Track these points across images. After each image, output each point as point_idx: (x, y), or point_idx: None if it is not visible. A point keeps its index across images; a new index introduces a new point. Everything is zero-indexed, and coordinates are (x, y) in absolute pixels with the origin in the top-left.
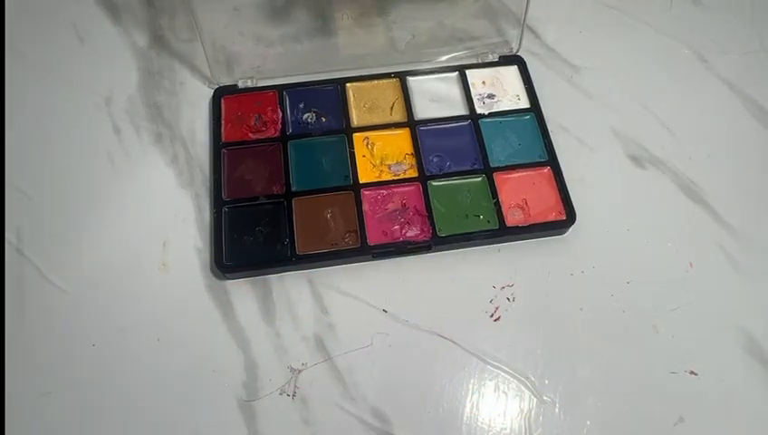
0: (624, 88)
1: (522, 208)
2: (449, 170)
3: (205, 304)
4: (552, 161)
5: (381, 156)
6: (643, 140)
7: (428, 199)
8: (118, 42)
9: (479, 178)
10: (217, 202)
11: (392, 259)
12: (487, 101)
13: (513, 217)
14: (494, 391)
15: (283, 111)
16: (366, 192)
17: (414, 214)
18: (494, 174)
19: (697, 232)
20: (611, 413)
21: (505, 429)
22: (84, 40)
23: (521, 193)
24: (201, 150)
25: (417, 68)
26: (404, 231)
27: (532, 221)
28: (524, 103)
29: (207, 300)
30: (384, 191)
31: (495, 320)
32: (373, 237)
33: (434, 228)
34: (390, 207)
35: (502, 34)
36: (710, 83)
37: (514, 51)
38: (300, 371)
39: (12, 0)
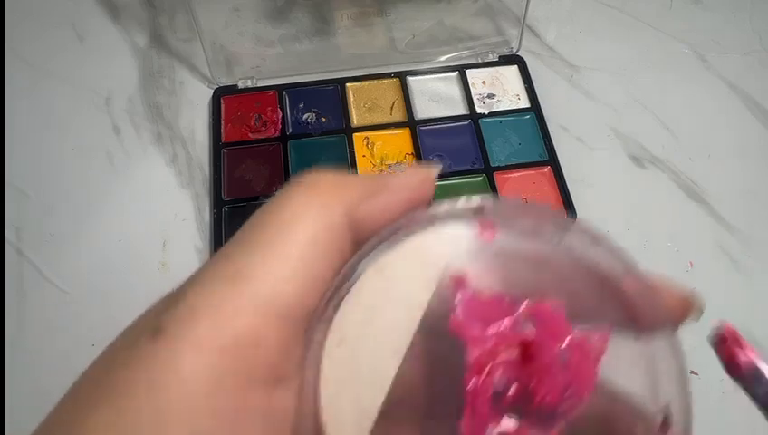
0: (624, 88)
1: None
2: (450, 170)
3: None
4: (552, 161)
5: (381, 156)
6: (643, 139)
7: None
8: (118, 41)
9: (479, 178)
10: (217, 202)
11: None
12: (487, 100)
13: None
14: None
15: (283, 111)
16: None
17: None
18: (495, 173)
19: (698, 231)
20: None
21: None
22: (84, 40)
23: (521, 192)
24: (201, 150)
25: (417, 68)
26: None
27: None
28: (524, 103)
29: None
30: None
31: None
32: None
33: None
34: None
35: (502, 34)
36: (710, 83)
37: (514, 50)
38: None
39: (12, 0)
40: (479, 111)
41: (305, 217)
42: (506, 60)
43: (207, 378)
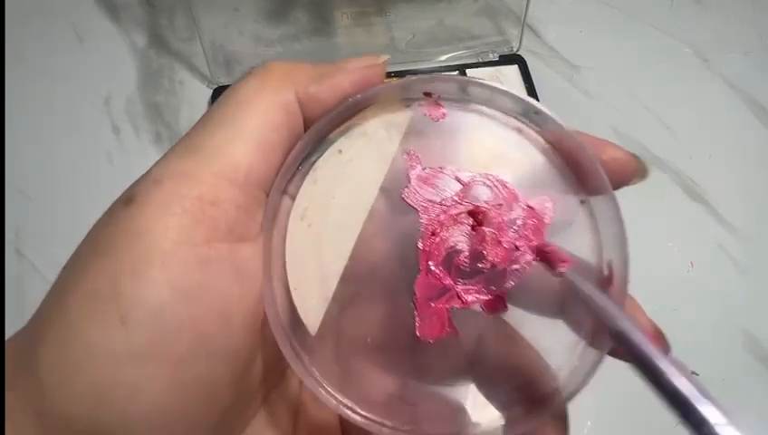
0: (625, 87)
1: None
2: None
3: None
4: None
5: None
6: (644, 139)
7: None
8: (117, 41)
9: None
10: None
11: None
12: None
13: None
14: None
15: None
16: None
17: None
18: None
19: (698, 232)
20: (611, 413)
21: None
22: (84, 39)
23: None
24: None
25: (418, 67)
26: None
27: None
28: None
29: None
30: None
31: None
32: None
33: None
34: None
35: (502, 34)
36: (711, 83)
37: (515, 50)
38: None
39: (12, 0)
40: None
41: (258, 98)
42: (507, 59)
43: (175, 232)
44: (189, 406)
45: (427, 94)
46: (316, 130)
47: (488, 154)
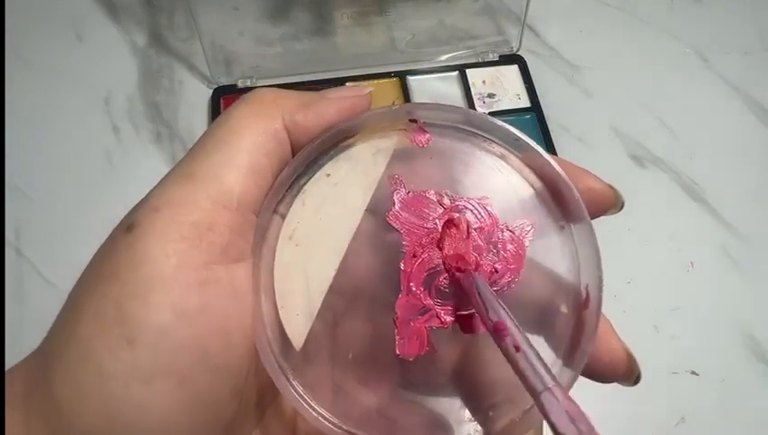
0: (625, 87)
1: None
2: None
3: None
4: None
5: None
6: (644, 139)
7: None
8: (117, 41)
9: None
10: None
11: None
12: (487, 100)
13: None
14: None
15: None
16: None
17: None
18: None
19: (698, 231)
20: (612, 413)
21: None
22: (83, 39)
23: None
24: None
25: (418, 67)
26: None
27: None
28: (525, 103)
29: None
30: None
31: None
32: None
33: None
34: None
35: (502, 34)
36: (711, 83)
37: (515, 50)
38: None
39: (12, 0)
40: (479, 110)
41: (248, 124)
42: (506, 59)
43: (175, 258)
44: (195, 421)
45: (413, 121)
46: (305, 154)
47: (471, 179)
